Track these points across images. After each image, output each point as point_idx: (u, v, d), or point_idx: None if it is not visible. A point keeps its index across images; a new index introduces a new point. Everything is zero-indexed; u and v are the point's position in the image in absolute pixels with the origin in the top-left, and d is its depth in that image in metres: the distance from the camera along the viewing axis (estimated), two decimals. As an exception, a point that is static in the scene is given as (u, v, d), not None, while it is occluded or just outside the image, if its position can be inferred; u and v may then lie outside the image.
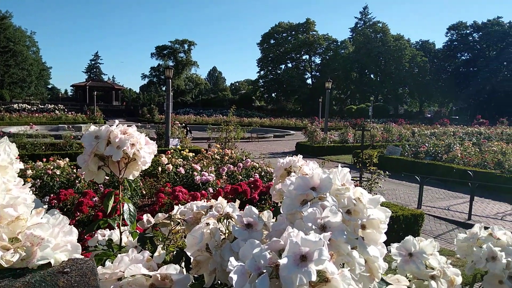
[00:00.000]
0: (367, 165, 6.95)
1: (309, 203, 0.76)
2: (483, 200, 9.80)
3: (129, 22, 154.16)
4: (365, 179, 6.92)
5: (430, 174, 12.14)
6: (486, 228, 1.30)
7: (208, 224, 0.80)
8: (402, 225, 6.05)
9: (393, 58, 61.17)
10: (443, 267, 1.02)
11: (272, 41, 67.14)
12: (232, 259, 0.62)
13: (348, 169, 0.85)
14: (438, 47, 66.59)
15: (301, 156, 1.18)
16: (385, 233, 0.79)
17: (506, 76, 55.51)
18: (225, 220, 0.84)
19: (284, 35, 67.11)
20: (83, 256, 0.62)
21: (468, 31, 60.47)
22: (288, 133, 28.86)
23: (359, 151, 9.93)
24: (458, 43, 60.90)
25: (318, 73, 66.23)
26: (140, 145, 1.20)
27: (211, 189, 6.11)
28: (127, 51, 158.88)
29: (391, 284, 0.88)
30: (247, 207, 0.83)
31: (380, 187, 6.89)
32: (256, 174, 7.19)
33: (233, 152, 8.49)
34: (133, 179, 1.30)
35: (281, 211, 0.82)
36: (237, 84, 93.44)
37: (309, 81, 69.03)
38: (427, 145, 15.45)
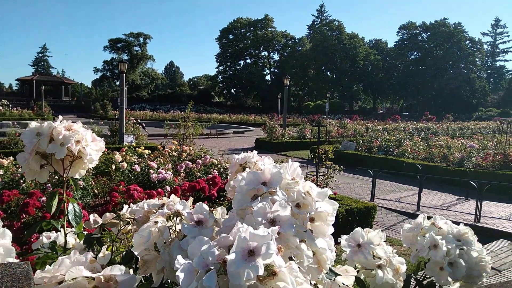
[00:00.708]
0: (323, 160, 7.14)
1: (259, 197, 0.76)
2: (430, 192, 10.40)
3: (80, 13, 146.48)
4: (321, 173, 7.10)
5: (382, 168, 12.71)
6: (429, 218, 1.37)
7: (156, 222, 0.77)
8: (356, 217, 6.29)
9: (348, 56, 63.21)
10: (389, 257, 1.06)
11: (231, 37, 66.89)
12: (179, 257, 0.60)
13: (298, 164, 0.86)
14: (390, 46, 69.68)
15: (256, 152, 1.18)
16: (341, 225, 0.81)
17: (451, 74, 59.30)
18: (175, 218, 0.82)
19: (242, 30, 67.08)
20: (17, 260, 0.58)
21: (417, 31, 63.79)
22: (247, 129, 28.96)
23: (316, 146, 10.17)
24: (409, 42, 64.08)
25: (277, 70, 66.98)
26: (86, 142, 1.15)
27: (168, 187, 5.98)
28: (78, 44, 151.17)
29: (340, 274, 0.91)
30: (198, 203, 0.82)
31: (335, 181, 7.11)
32: (215, 171, 7.15)
33: (191, 149, 8.38)
34: (79, 177, 1.24)
35: (233, 207, 0.81)
36: (195, 79, 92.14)
37: (268, 77, 69.66)
38: (379, 140, 16.16)
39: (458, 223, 1.38)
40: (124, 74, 12.93)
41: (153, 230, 0.75)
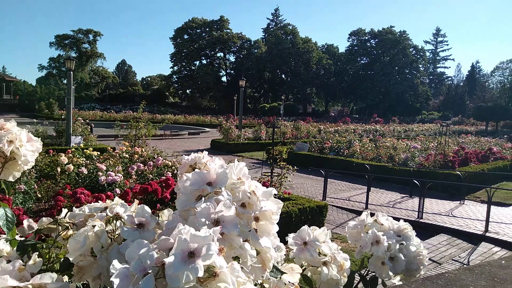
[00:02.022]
0: (278, 161, 7.24)
1: (203, 198, 0.75)
2: (378, 191, 10.91)
3: (23, 6, 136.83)
4: (276, 174, 7.20)
5: (334, 168, 13.14)
6: (372, 215, 1.43)
7: (94, 226, 0.74)
8: (309, 216, 6.44)
9: (302, 60, 64.73)
10: (334, 253, 1.09)
11: (186, 36, 65.87)
12: (115, 261, 0.58)
13: (244, 164, 0.86)
14: (341, 51, 72.33)
15: (207, 153, 1.16)
16: (294, 224, 0.82)
17: (397, 79, 62.73)
18: (115, 221, 0.78)
19: (198, 31, 66.34)
20: None
21: (366, 38, 66.78)
22: (203, 130, 28.67)
23: (271, 147, 10.29)
24: (358, 48, 66.92)
25: (233, 71, 66.96)
26: (20, 142, 1.07)
27: (118, 190, 5.75)
28: (22, 39, 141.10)
29: (285, 273, 0.92)
30: (139, 205, 0.79)
31: (289, 181, 7.23)
32: (168, 172, 6.98)
33: (143, 150, 8.12)
34: (13, 180, 1.15)
35: (177, 208, 0.80)
36: (149, 79, 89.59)
37: (224, 78, 69.46)
38: (331, 141, 16.70)
39: (403, 220, 1.46)
40: (72, 72, 12.26)
41: (89, 234, 0.71)
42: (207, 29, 66.04)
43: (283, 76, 69.65)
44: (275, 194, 0.82)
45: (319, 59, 66.07)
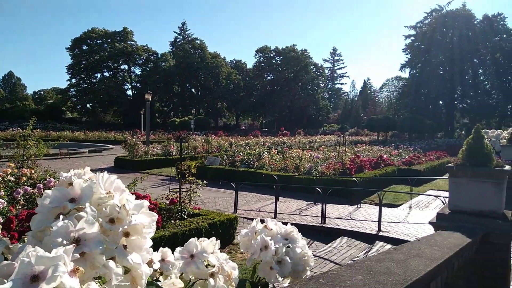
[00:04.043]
0: (186, 176, 7.10)
1: (61, 216, 0.68)
2: (286, 200, 11.40)
3: None
4: (185, 189, 7.04)
5: (245, 180, 13.39)
6: (262, 221, 1.47)
7: None
8: (219, 230, 6.42)
9: (212, 74, 65.30)
10: (222, 264, 1.09)
11: (85, 47, 61.44)
12: None
13: (115, 176, 0.81)
14: (249, 67, 74.88)
15: (89, 168, 1.07)
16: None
17: (300, 95, 67.02)
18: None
19: (99, 41, 62.48)
20: None
21: (272, 55, 70.27)
22: (106, 148, 26.82)
23: (191, 162, 10.01)
24: (265, 64, 70.00)
25: (139, 85, 64.29)
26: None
27: (0, 218, 5.01)
28: None
29: (166, 288, 0.88)
30: (-18, 230, 0.68)
31: (199, 196, 7.13)
32: (63, 194, 6.33)
33: (33, 172, 7.24)
34: None
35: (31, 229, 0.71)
36: (42, 92, 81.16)
37: (129, 92, 66.31)
38: (242, 154, 17.03)
39: (308, 226, 1.52)
40: None
41: None
42: (109, 40, 62.59)
43: (193, 90, 69.27)
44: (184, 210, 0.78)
45: (228, 74, 67.36)
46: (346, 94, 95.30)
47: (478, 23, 51.21)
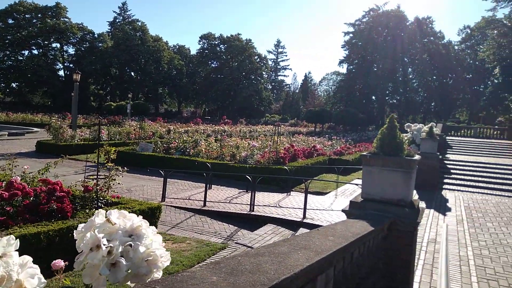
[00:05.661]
0: (106, 162, 6.59)
1: None
2: (219, 188, 11.23)
3: None
4: (102, 176, 6.54)
5: (179, 168, 12.98)
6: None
7: None
8: (139, 220, 6.06)
9: (153, 58, 62.71)
10: (10, 271, 0.84)
11: (10, 21, 55.58)
12: None
13: None
14: (193, 53, 73.02)
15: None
16: None
17: (244, 84, 66.95)
18: None
19: (27, 16, 56.91)
20: None
21: (216, 42, 69.10)
22: (30, 131, 24.59)
23: (111, 148, 9.36)
24: (209, 51, 68.71)
25: (72, 65, 59.74)
26: None
27: None
28: None
29: None
30: None
31: (119, 183, 6.66)
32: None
33: None
34: None
35: None
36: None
37: (61, 72, 61.45)
38: (177, 141, 16.49)
39: (237, 214, 1.31)
40: None
41: None
42: (40, 15, 57.23)
43: (132, 73, 66.03)
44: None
45: (170, 59, 65.12)
46: (288, 86, 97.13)
47: (409, 25, 54.74)
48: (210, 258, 5.50)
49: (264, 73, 74.04)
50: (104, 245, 1.04)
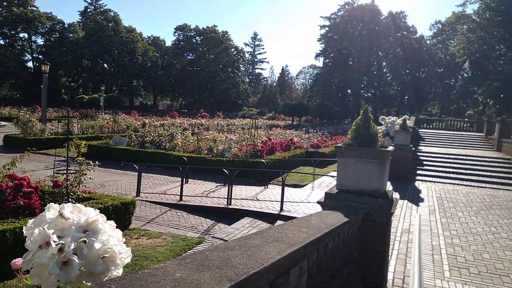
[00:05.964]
0: (76, 156, 6.34)
1: None
2: (196, 182, 11.09)
3: None
4: (72, 171, 6.29)
5: (154, 162, 12.73)
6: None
7: None
8: (112, 215, 5.87)
9: (127, 50, 61.11)
10: None
11: (-27, 9, 52.77)
12: None
13: None
14: (168, 45, 71.61)
15: None
16: None
17: (221, 77, 66.35)
18: None
19: (-9, 4, 54.10)
20: None
21: (192, 34, 68.03)
22: (-3, 125, 23.52)
23: (81, 142, 9.03)
24: (184, 43, 67.58)
25: (41, 56, 57.42)
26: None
27: None
28: None
29: None
30: None
31: (90, 178, 6.42)
32: None
33: None
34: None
35: None
36: None
37: (30, 64, 58.98)
38: (152, 135, 16.16)
39: (214, 208, 1.21)
40: None
41: None
42: (5, 3, 54.48)
43: (105, 65, 64.18)
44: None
45: (145, 51, 63.67)
46: (265, 79, 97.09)
47: (384, 19, 55.64)
48: (186, 253, 5.40)
49: (241, 66, 73.66)
50: (54, 241, 0.95)
